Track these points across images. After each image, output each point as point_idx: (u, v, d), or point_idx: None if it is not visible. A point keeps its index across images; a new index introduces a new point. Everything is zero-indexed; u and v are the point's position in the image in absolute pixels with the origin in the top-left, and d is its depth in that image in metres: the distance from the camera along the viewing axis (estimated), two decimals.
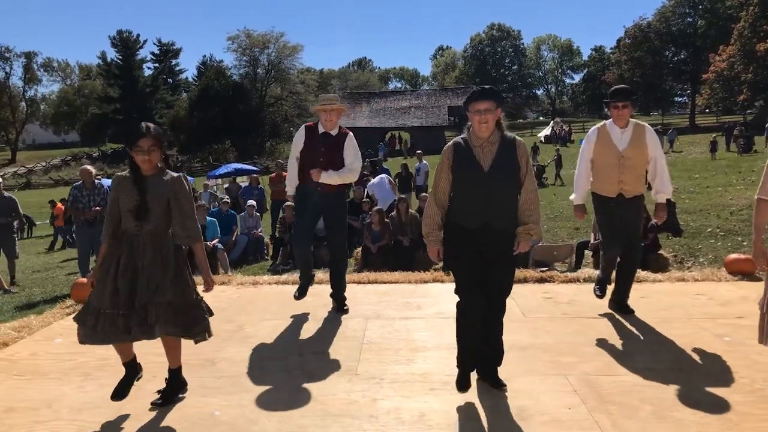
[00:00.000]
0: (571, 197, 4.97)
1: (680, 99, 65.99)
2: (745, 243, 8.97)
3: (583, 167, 4.77)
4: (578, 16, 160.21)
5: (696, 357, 3.91)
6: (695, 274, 6.11)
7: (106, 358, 3.90)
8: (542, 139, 46.73)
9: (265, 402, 3.42)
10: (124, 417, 3.24)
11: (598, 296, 4.96)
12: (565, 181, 22.41)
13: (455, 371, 3.78)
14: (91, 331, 3.05)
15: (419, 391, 3.50)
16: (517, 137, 3.36)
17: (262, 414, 3.26)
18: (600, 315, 4.85)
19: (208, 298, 3.42)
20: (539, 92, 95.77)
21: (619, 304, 4.88)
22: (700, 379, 3.56)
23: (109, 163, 58.14)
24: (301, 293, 5.12)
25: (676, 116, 66.31)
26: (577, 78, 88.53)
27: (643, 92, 57.34)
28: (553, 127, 48.31)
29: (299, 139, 5.06)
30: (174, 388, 3.40)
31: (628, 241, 4.65)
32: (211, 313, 3.31)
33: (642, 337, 4.30)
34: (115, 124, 67.13)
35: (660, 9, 56.21)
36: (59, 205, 18.14)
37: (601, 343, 4.23)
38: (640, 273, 5.74)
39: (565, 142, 41.64)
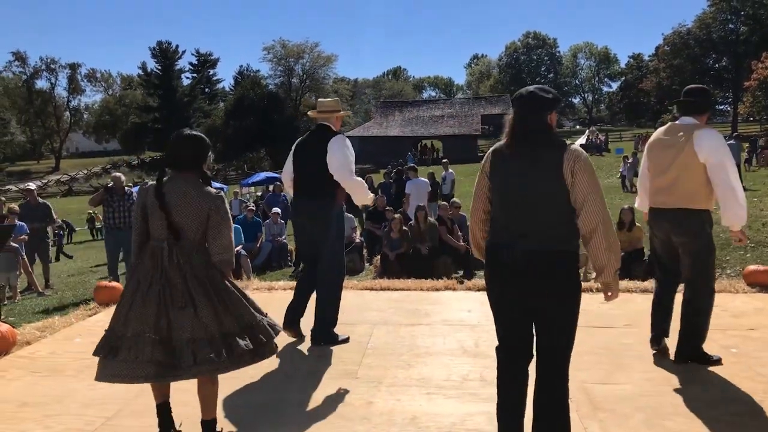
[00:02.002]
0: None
1: (722, 107, 64.43)
2: None
3: None
4: (616, 23, 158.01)
5: (699, 368, 3.87)
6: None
7: None
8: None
9: (266, 403, 3.53)
10: (131, 412, 3.39)
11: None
12: None
13: (452, 376, 3.84)
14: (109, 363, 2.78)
15: (414, 395, 3.56)
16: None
17: (264, 414, 3.37)
18: (606, 326, 4.83)
19: None
20: (576, 100, 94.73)
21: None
22: (698, 389, 3.54)
23: (148, 171, 59.63)
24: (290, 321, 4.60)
25: (717, 124, 64.70)
26: (615, 86, 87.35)
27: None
28: (588, 136, 47.70)
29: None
30: None
31: None
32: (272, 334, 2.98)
33: (646, 348, 4.26)
34: (154, 132, 68.85)
35: (700, 15, 55.16)
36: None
37: (603, 352, 4.22)
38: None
39: (601, 151, 41.01)
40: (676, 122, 3.95)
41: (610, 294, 2.57)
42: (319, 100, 4.87)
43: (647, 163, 4.03)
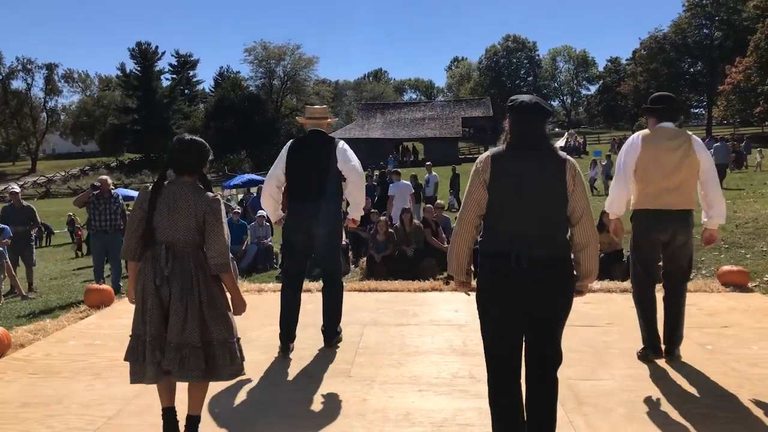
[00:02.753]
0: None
1: (697, 110, 65.72)
2: (748, 256, 9.05)
3: None
4: (594, 27, 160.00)
5: (677, 364, 4.06)
6: (689, 285, 6.21)
7: (115, 359, 4.14)
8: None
9: (262, 401, 3.65)
10: (131, 412, 3.47)
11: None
12: None
13: (442, 374, 3.99)
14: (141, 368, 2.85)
15: (407, 392, 3.70)
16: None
17: (260, 412, 3.48)
18: (589, 324, 5.01)
19: None
20: (555, 103, 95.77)
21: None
22: (676, 384, 3.72)
23: (127, 173, 59.12)
24: (285, 346, 4.54)
25: (693, 127, 65.97)
26: (593, 89, 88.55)
27: None
28: (567, 139, 48.29)
29: None
30: None
31: None
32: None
33: (627, 345, 4.45)
34: (132, 134, 68.25)
35: (676, 20, 56.23)
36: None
37: (587, 349, 4.39)
38: None
39: (579, 153, 41.61)
40: (670, 126, 4.04)
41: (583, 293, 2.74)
42: (308, 106, 4.89)
43: (645, 165, 3.97)
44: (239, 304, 3.05)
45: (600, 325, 4.97)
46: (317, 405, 3.56)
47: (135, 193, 26.65)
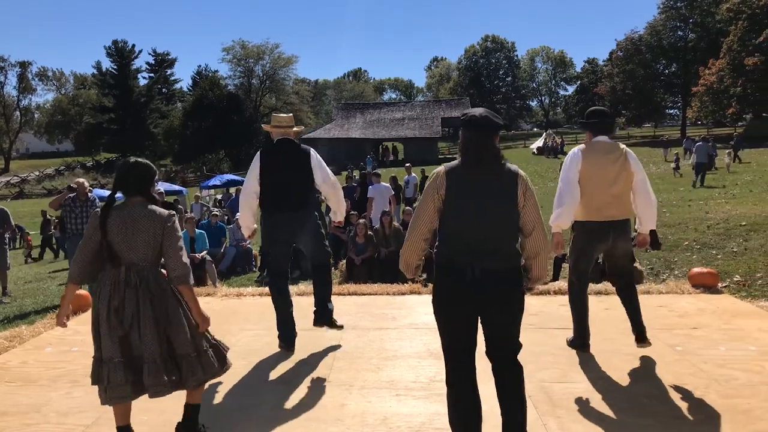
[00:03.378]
0: None
1: (672, 111, 66.76)
2: (719, 256, 9.27)
3: None
4: (571, 28, 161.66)
5: (646, 365, 4.18)
6: (661, 287, 6.38)
7: None
8: (535, 150, 47.14)
9: (241, 407, 3.68)
10: (109, 419, 3.47)
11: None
12: None
13: (419, 378, 4.05)
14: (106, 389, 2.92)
15: (385, 397, 3.75)
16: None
17: (239, 418, 3.51)
18: (564, 327, 5.10)
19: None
20: (533, 104, 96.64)
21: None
22: (647, 385, 3.83)
23: (103, 173, 58.33)
24: (288, 344, 4.73)
25: (668, 128, 67.04)
26: (571, 90, 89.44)
27: (635, 104, 58.15)
28: (545, 139, 48.75)
29: None
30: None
31: None
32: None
33: (600, 347, 4.56)
34: (109, 133, 67.39)
35: (651, 22, 57.04)
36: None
37: (561, 352, 4.49)
38: (608, 286, 5.99)
39: (557, 153, 42.05)
40: (606, 140, 4.24)
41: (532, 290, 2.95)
42: (274, 114, 4.90)
43: (586, 178, 4.12)
44: (200, 320, 3.03)
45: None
46: (296, 411, 3.60)
47: None
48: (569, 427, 3.28)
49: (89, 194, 8.54)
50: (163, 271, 3.01)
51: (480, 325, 2.80)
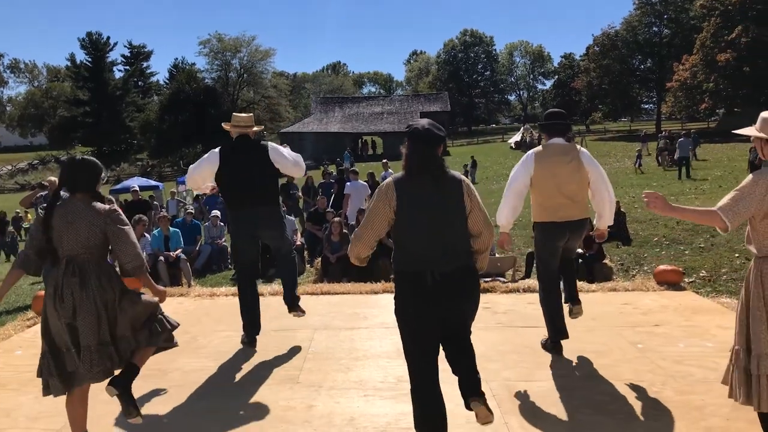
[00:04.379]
0: None
1: (647, 106, 67.69)
2: (686, 252, 9.51)
3: None
4: (550, 23, 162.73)
5: (608, 363, 4.31)
6: (627, 285, 6.55)
7: None
8: (512, 145, 47.42)
9: (210, 409, 3.73)
10: None
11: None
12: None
13: (388, 378, 4.13)
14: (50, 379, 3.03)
15: (353, 397, 3.83)
16: None
17: (208, 420, 3.56)
18: (531, 325, 5.23)
19: (168, 309, 3.62)
20: (512, 98, 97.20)
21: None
22: (606, 383, 3.96)
23: None
24: (250, 337, 4.89)
25: (643, 122, 67.95)
26: (549, 84, 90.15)
27: (611, 99, 58.89)
28: (523, 134, 49.10)
29: None
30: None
31: None
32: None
33: (565, 346, 4.68)
34: (84, 127, 66.34)
35: (627, 18, 57.74)
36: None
37: (527, 351, 4.60)
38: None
39: (528, 149, 42.37)
40: (561, 142, 4.37)
41: None
42: (234, 114, 5.00)
43: (540, 181, 4.26)
44: (159, 295, 3.23)
45: (540, 326, 5.15)
46: (265, 412, 3.66)
47: None
48: (529, 426, 3.39)
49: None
50: (115, 264, 3.13)
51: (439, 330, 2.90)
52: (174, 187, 22.95)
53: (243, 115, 4.93)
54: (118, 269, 3.25)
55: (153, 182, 26.93)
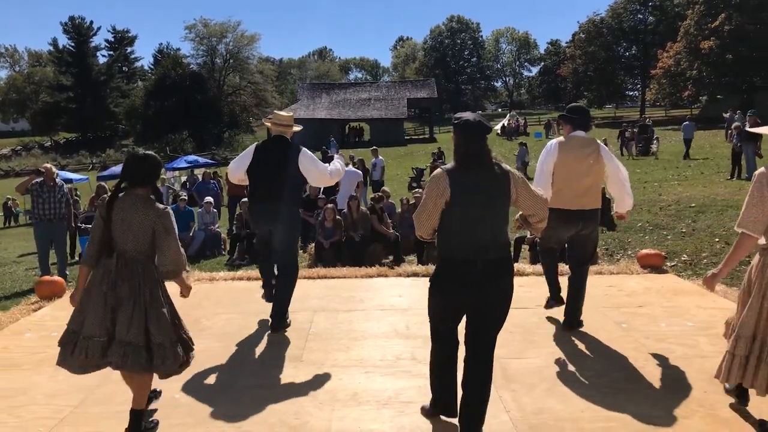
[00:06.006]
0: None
1: (632, 93, 68.25)
2: (669, 237, 9.80)
3: None
4: (536, 9, 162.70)
5: (595, 341, 4.57)
6: (612, 268, 6.82)
7: None
8: (498, 131, 47.61)
9: (219, 386, 3.93)
10: (95, 400, 3.70)
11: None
12: None
13: (386, 356, 4.35)
14: (69, 357, 3.14)
15: (354, 374, 4.05)
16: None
17: (218, 396, 3.76)
18: (522, 307, 5.46)
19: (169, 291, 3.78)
20: (498, 84, 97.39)
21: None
22: (592, 360, 4.21)
23: (63, 153, 56.88)
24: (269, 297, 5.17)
25: (627, 109, 68.52)
26: (534, 71, 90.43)
27: (596, 86, 59.35)
28: (509, 120, 49.32)
29: None
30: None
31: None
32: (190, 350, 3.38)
33: (553, 326, 4.94)
34: (67, 113, 65.56)
35: (612, 5, 58.04)
36: None
37: (518, 330, 4.83)
38: (563, 266, 6.36)
39: (517, 135, 42.71)
40: (583, 135, 4.60)
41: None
42: (276, 112, 5.16)
43: (561, 170, 4.50)
44: (185, 290, 3.46)
45: (530, 307, 5.42)
46: (272, 389, 3.86)
47: (74, 176, 25.86)
48: (521, 400, 3.63)
49: (57, 179, 8.55)
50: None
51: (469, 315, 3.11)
52: (163, 174, 22.95)
53: (284, 114, 5.12)
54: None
55: None
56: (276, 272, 5.15)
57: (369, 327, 5.02)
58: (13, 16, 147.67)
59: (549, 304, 5.02)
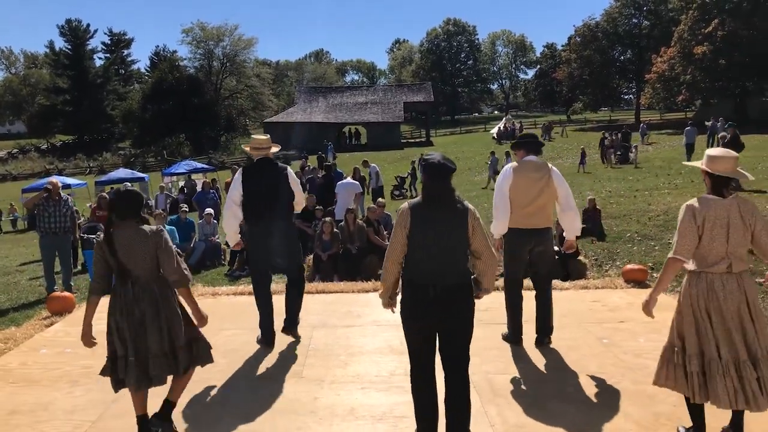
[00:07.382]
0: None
1: (627, 97, 68.73)
2: (657, 248, 10.10)
3: None
4: (532, 12, 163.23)
5: (577, 357, 4.87)
6: (597, 282, 7.13)
7: (89, 367, 4.63)
8: (494, 135, 47.88)
9: (223, 400, 4.23)
10: (113, 415, 3.99)
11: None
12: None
13: (381, 372, 4.65)
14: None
15: (352, 390, 4.35)
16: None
17: (221, 410, 4.05)
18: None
19: None
20: (494, 87, 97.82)
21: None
22: (573, 375, 4.52)
23: (59, 156, 56.98)
24: (268, 341, 5.31)
25: (622, 112, 68.99)
26: (531, 74, 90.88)
27: (591, 89, 59.79)
28: (505, 123, 49.62)
29: None
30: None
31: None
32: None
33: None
34: (64, 115, 65.70)
35: (607, 9, 58.54)
36: None
37: (505, 346, 5.14)
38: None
39: (513, 138, 42.86)
40: (535, 160, 5.03)
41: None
42: (254, 137, 5.43)
43: (515, 192, 4.88)
44: (199, 318, 3.72)
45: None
46: (274, 404, 4.16)
47: (72, 181, 26.05)
48: (505, 414, 3.93)
49: (61, 193, 8.83)
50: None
51: (438, 336, 3.43)
52: (161, 181, 23.17)
53: (261, 137, 5.40)
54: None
55: (139, 174, 27.06)
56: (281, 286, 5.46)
57: (365, 343, 5.32)
58: (9, 18, 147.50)
59: (507, 338, 5.25)
